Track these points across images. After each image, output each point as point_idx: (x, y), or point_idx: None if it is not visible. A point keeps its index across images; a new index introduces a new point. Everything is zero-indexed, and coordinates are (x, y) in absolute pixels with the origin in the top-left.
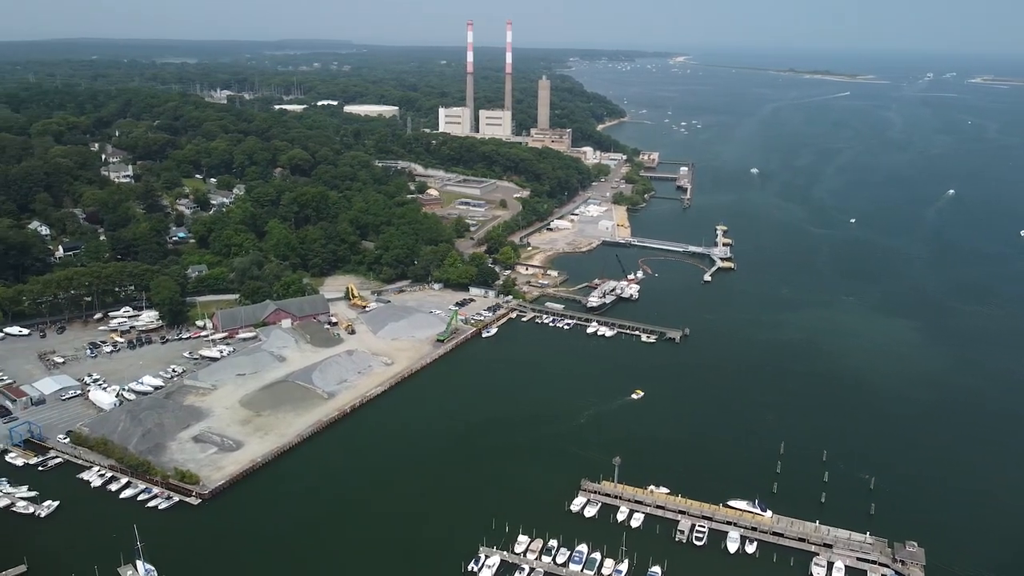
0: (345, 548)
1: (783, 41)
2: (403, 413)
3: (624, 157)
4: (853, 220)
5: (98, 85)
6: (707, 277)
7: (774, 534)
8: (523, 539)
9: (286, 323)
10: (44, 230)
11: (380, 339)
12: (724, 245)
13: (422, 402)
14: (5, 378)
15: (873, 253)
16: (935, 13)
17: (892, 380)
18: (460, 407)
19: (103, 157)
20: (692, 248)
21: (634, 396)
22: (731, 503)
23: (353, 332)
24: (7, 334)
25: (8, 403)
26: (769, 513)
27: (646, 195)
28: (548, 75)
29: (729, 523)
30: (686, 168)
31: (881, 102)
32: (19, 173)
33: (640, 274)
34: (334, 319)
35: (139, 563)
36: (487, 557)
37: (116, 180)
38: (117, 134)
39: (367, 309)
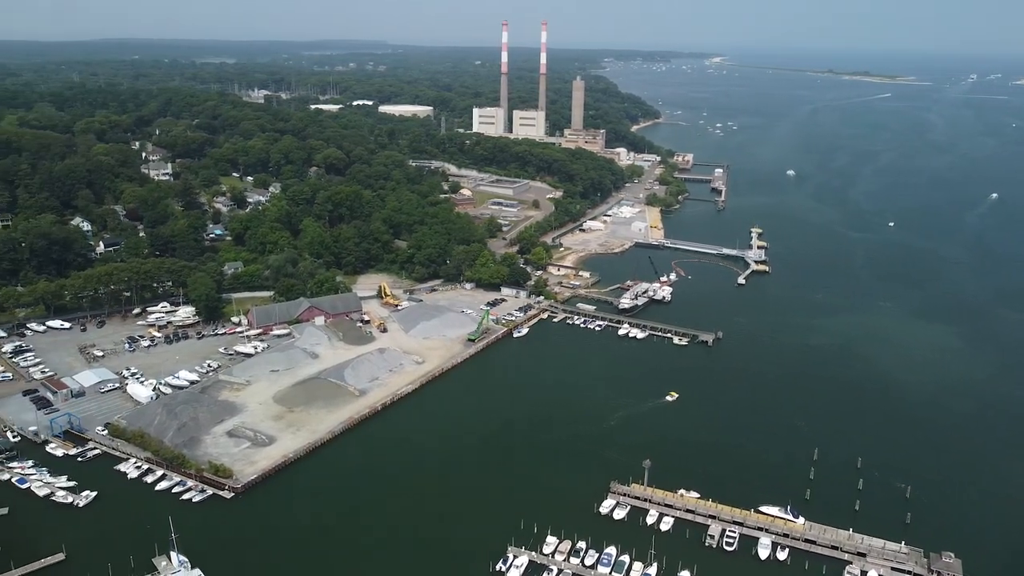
0: (374, 544)
1: (821, 42)
2: (434, 412)
3: (658, 158)
4: (891, 223)
5: (139, 85)
6: (741, 280)
7: (806, 541)
8: (551, 540)
9: (319, 320)
10: (86, 226)
11: (412, 338)
12: (759, 248)
13: (453, 401)
14: (47, 370)
15: (912, 257)
16: (979, 15)
17: (930, 387)
18: (490, 407)
19: (143, 155)
20: (726, 250)
21: (668, 398)
22: (763, 509)
23: (385, 330)
24: (49, 327)
25: (49, 394)
26: (801, 520)
27: (680, 197)
28: (582, 75)
29: (760, 529)
30: (721, 170)
31: (922, 104)
32: (63, 170)
33: (673, 276)
34: (366, 317)
35: (173, 554)
36: (515, 557)
37: (156, 178)
38: (157, 132)
39: (399, 308)
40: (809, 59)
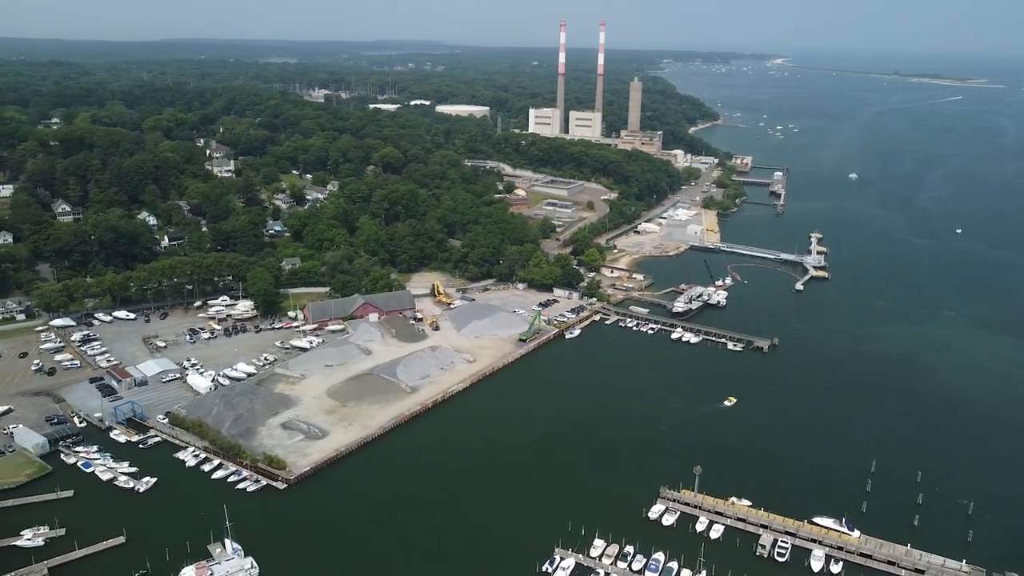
0: (422, 540)
1: (887, 44)
2: (483, 410)
3: (716, 161)
4: (959, 230)
5: (205, 84)
6: (799, 286)
7: (861, 555)
8: (599, 543)
9: (373, 317)
10: (152, 220)
11: (463, 336)
12: (818, 253)
13: (502, 400)
14: (112, 359)
15: (980, 266)
16: None
17: (995, 401)
18: (540, 407)
19: (207, 152)
20: (784, 255)
21: (726, 403)
22: (816, 520)
23: (437, 328)
24: (115, 318)
25: (114, 383)
26: (857, 533)
27: (737, 200)
28: (640, 77)
29: (814, 540)
30: (780, 173)
31: (994, 107)
32: (131, 166)
33: (728, 280)
34: (419, 315)
35: (227, 542)
36: (562, 559)
37: (218, 174)
38: (221, 130)
39: (452, 306)
40: (875, 60)
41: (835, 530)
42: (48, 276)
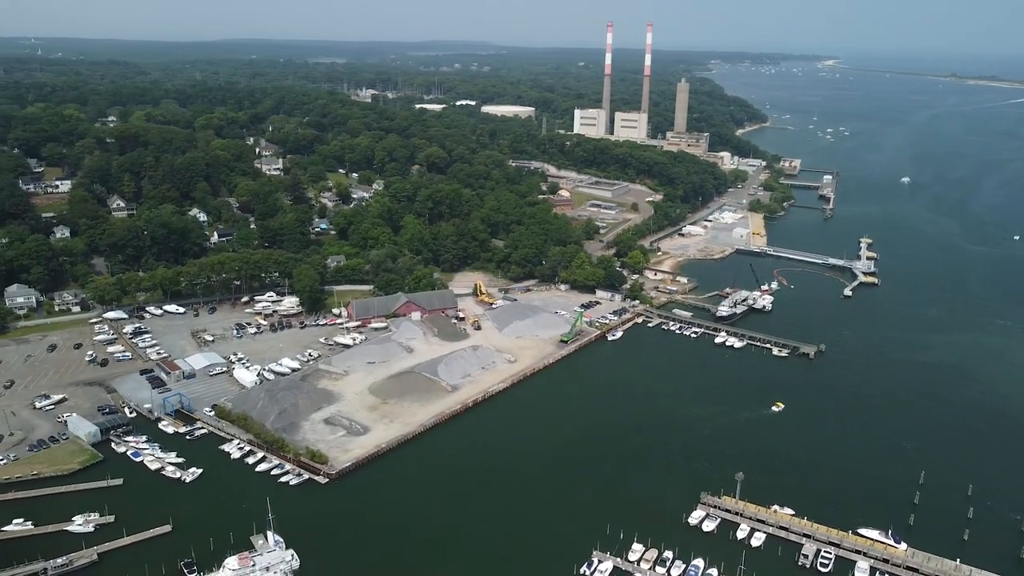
0: (459, 538)
1: (944, 45)
2: (523, 411)
3: (763, 163)
4: (1017, 237)
5: (255, 83)
6: (847, 292)
7: (908, 569)
8: (637, 547)
9: (415, 316)
10: (202, 217)
11: (505, 336)
12: (868, 259)
13: (543, 401)
14: (162, 351)
15: None
16: None
17: None
18: (581, 408)
19: (256, 150)
20: (832, 260)
21: (774, 408)
22: (861, 531)
23: (479, 328)
24: (166, 311)
25: (163, 375)
26: (904, 546)
27: (785, 203)
28: (687, 78)
29: (858, 552)
30: (830, 176)
31: None
32: (183, 164)
33: (775, 285)
34: (461, 314)
35: (269, 533)
36: (600, 562)
37: (267, 172)
38: (270, 129)
39: (494, 306)
40: (930, 62)
41: (881, 542)
42: (103, 270)
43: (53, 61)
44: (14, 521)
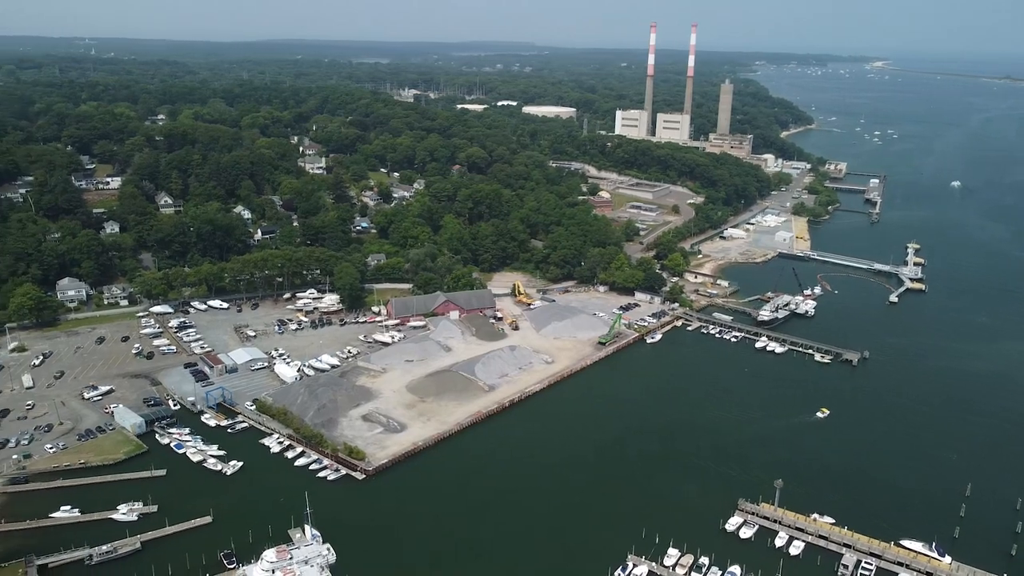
0: (494, 538)
1: (998, 46)
2: (560, 412)
3: (808, 166)
4: None
5: (300, 83)
6: (893, 298)
7: None
8: (673, 552)
9: (454, 315)
10: (246, 214)
11: (542, 337)
12: (915, 264)
13: (579, 402)
14: (206, 346)
15: None
16: None
17: None
18: (617, 411)
19: (300, 149)
20: (878, 266)
21: (819, 414)
22: (904, 542)
23: (517, 328)
24: (210, 306)
25: (207, 369)
26: (948, 559)
27: (830, 207)
28: (731, 79)
29: (900, 564)
30: (876, 180)
31: None
32: (229, 162)
33: (818, 290)
34: (499, 314)
35: (307, 527)
36: (635, 566)
37: (310, 171)
38: (314, 128)
39: (532, 306)
40: (983, 64)
41: (924, 554)
42: (150, 265)
43: (106, 61)
44: (62, 508)
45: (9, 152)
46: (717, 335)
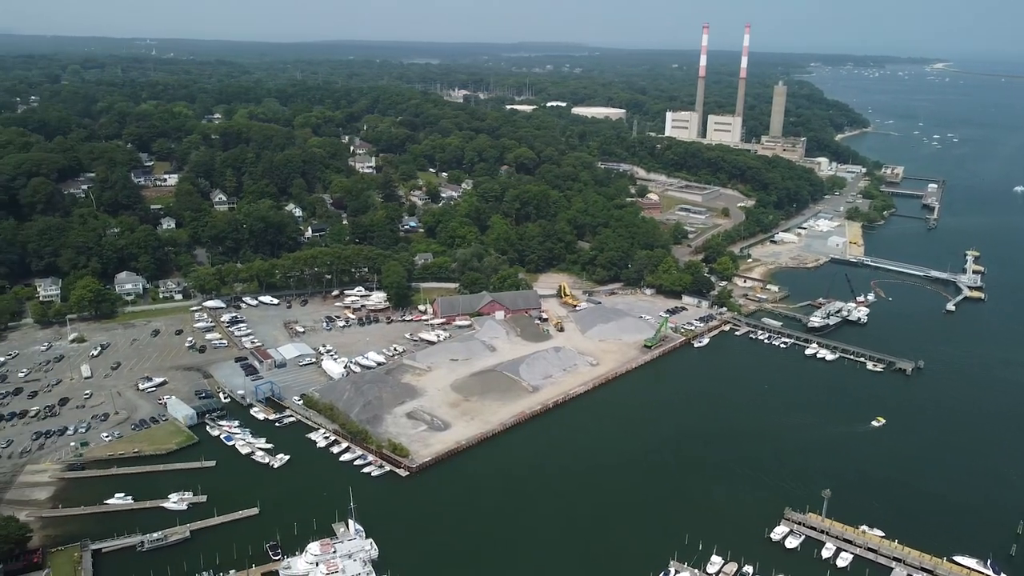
0: (534, 540)
1: None
2: (603, 415)
3: (863, 170)
4: None
5: (352, 83)
6: (950, 306)
7: None
8: (716, 560)
9: (499, 315)
10: (297, 212)
11: (588, 339)
12: (974, 272)
13: (624, 406)
14: (256, 341)
15: None
16: None
17: None
18: (661, 415)
19: (351, 148)
20: (935, 273)
21: (874, 423)
22: (957, 559)
23: (562, 329)
24: (261, 302)
25: (256, 363)
26: None
27: (885, 212)
28: (785, 80)
29: None
30: (935, 185)
31: None
32: (282, 160)
33: (871, 296)
34: (544, 315)
35: (350, 522)
36: (677, 572)
37: (360, 170)
38: (364, 128)
39: (577, 308)
40: None
41: (978, 572)
42: (204, 260)
43: (166, 61)
44: (116, 495)
45: (73, 149)
46: (766, 341)
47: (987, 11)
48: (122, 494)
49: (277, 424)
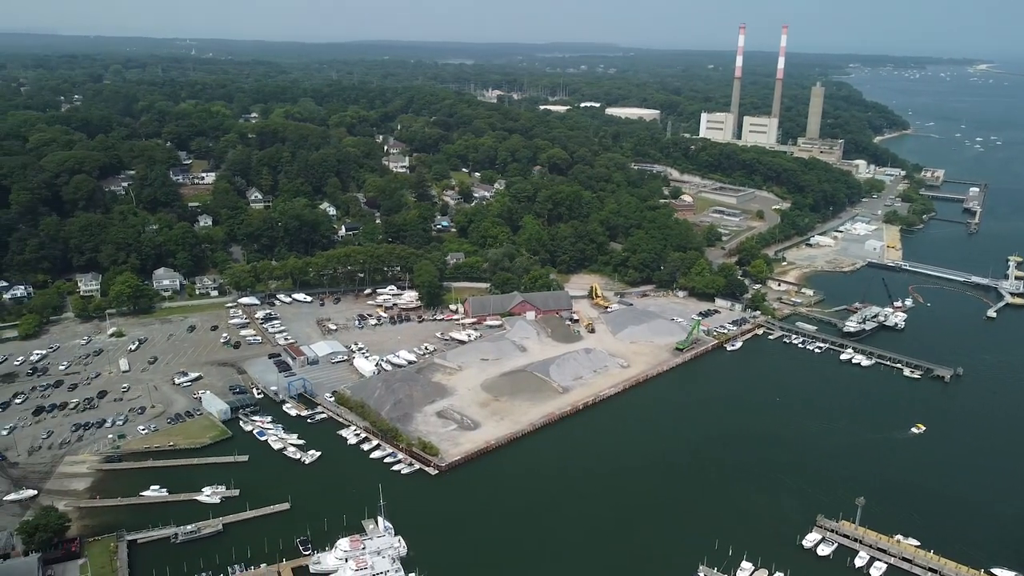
0: (563, 541)
1: None
2: (634, 417)
3: (902, 173)
4: None
5: (387, 83)
6: (991, 313)
7: None
8: (747, 566)
9: (530, 315)
10: (331, 211)
11: (618, 340)
12: (1017, 278)
13: (654, 408)
14: (289, 337)
15: None
16: None
17: None
18: (693, 418)
19: (385, 148)
20: (976, 279)
21: (914, 430)
22: (995, 571)
23: (593, 331)
24: (294, 299)
25: (289, 360)
26: None
27: (924, 216)
28: (823, 82)
29: None
30: (977, 189)
31: None
32: (317, 159)
33: (909, 302)
34: (575, 316)
35: (380, 519)
36: None
37: (394, 170)
38: (398, 127)
39: (608, 310)
40: None
41: None
42: (239, 258)
43: (204, 61)
44: (151, 487)
45: (114, 147)
46: (800, 345)
47: None
48: (157, 486)
49: (309, 420)
